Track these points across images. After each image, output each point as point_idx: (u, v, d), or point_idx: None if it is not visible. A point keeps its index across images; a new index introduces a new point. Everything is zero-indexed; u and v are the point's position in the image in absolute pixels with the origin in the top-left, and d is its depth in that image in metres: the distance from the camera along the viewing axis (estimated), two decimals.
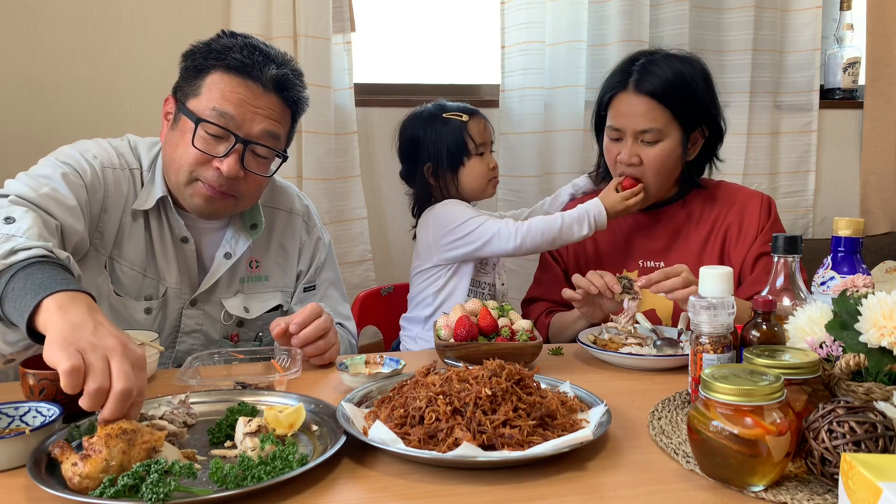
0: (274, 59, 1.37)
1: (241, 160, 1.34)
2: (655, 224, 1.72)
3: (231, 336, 1.52)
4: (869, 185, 2.80)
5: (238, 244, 1.48)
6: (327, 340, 1.34)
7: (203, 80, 1.35)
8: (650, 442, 0.98)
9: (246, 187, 1.39)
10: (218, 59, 1.34)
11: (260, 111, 1.35)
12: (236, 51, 1.34)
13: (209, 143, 1.34)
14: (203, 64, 1.36)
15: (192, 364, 1.21)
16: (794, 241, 1.12)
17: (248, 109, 1.34)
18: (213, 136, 1.34)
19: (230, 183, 1.36)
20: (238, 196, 1.39)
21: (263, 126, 1.35)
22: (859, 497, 0.65)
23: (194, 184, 1.36)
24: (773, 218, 1.67)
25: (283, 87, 1.38)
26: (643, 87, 1.59)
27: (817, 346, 0.96)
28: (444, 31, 2.63)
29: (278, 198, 1.60)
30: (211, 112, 1.32)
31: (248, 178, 1.38)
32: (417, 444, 0.90)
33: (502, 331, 1.32)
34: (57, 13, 2.12)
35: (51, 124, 2.13)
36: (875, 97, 2.76)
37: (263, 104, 1.36)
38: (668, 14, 2.51)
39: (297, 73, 1.42)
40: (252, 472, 0.83)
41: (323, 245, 1.66)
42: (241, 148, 1.34)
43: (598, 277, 1.44)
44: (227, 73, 1.34)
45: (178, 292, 1.45)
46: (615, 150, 1.64)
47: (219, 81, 1.34)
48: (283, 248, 1.58)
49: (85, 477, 0.81)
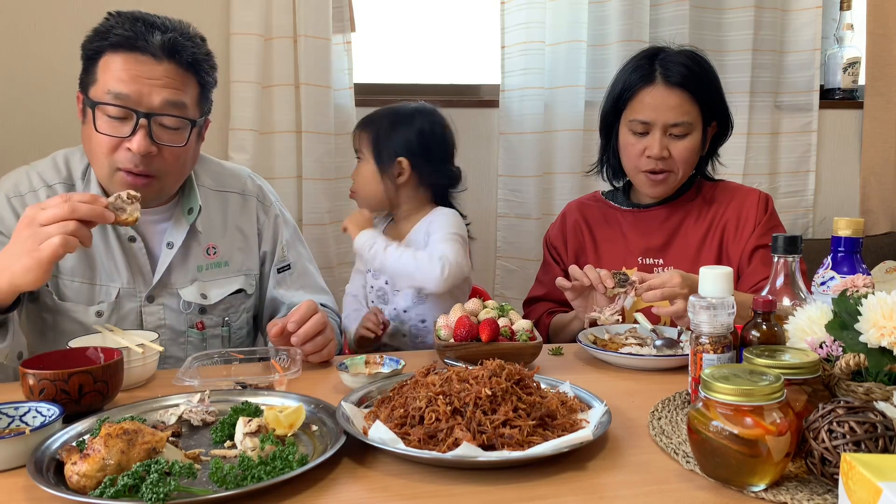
0: (159, 27, 1.34)
1: (150, 135, 1.32)
2: (655, 221, 1.73)
3: (196, 325, 1.50)
4: (869, 185, 2.80)
5: (178, 232, 1.47)
6: (325, 336, 1.34)
7: (96, 65, 1.33)
8: (650, 442, 0.98)
9: (164, 163, 1.37)
10: (103, 40, 1.32)
11: (156, 82, 1.32)
12: (118, 27, 1.32)
13: (114, 126, 1.32)
14: (92, 49, 1.34)
15: (192, 364, 1.21)
16: (794, 241, 1.12)
17: (143, 83, 1.31)
18: (116, 118, 1.32)
19: (146, 161, 1.34)
20: (159, 175, 1.37)
21: (163, 96, 1.33)
22: (859, 497, 0.65)
23: (115, 174, 1.35)
24: (769, 212, 1.68)
25: (174, 52, 1.34)
26: (674, 79, 1.60)
27: (817, 346, 0.96)
28: (444, 31, 2.63)
29: (229, 181, 1.59)
30: (107, 95, 1.31)
31: (164, 152, 1.36)
32: (417, 444, 0.90)
33: (502, 331, 1.32)
34: (57, 13, 2.12)
35: (51, 124, 2.13)
36: (875, 97, 2.75)
37: (158, 73, 1.32)
38: (668, 14, 2.51)
39: (187, 35, 1.38)
40: (252, 472, 0.83)
41: (284, 222, 1.65)
42: (145, 123, 1.32)
43: (593, 271, 1.44)
44: (115, 52, 1.32)
45: (132, 291, 1.44)
46: (640, 145, 1.64)
47: (109, 63, 1.32)
48: (241, 231, 1.57)
49: (83, 476, 0.81)
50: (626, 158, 1.69)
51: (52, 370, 1.02)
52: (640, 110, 1.63)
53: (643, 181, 1.68)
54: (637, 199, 1.78)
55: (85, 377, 1.03)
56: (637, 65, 1.66)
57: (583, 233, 1.79)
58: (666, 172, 1.64)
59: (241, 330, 1.58)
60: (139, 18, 1.34)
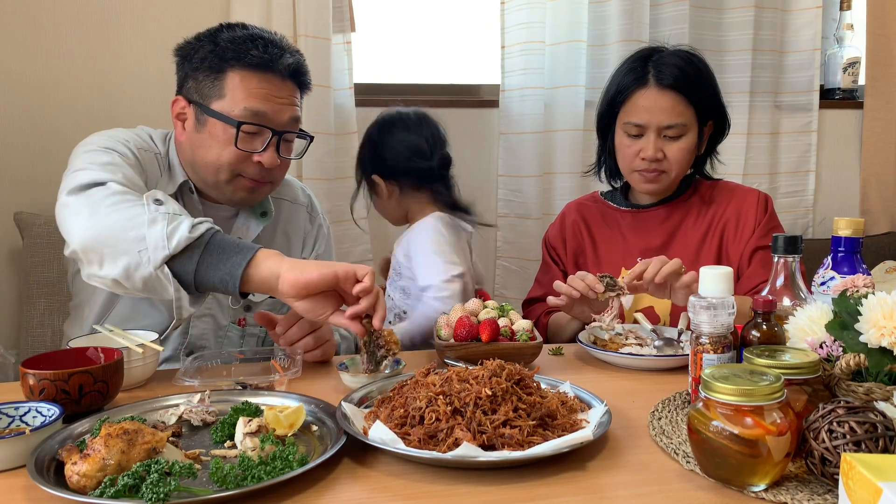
0: (287, 49, 1.42)
1: (278, 150, 1.42)
2: (654, 222, 1.72)
3: (239, 321, 1.54)
4: (869, 185, 2.80)
5: (249, 231, 1.53)
6: (316, 337, 1.34)
7: (223, 80, 1.38)
8: (650, 442, 0.98)
9: (280, 173, 1.49)
10: (237, 59, 1.37)
11: (284, 100, 1.41)
12: (251, 47, 1.38)
13: (247, 141, 1.39)
14: (219, 64, 1.38)
15: (193, 364, 1.21)
16: (794, 241, 1.12)
17: (275, 103, 1.40)
18: (250, 133, 1.39)
19: (269, 172, 1.43)
20: (274, 181, 1.49)
21: (290, 114, 1.43)
22: (859, 497, 0.65)
23: (236, 180, 1.42)
24: (769, 213, 1.68)
25: (298, 74, 1.44)
26: (666, 81, 1.60)
27: (817, 346, 0.96)
28: (444, 31, 2.63)
29: (284, 189, 1.65)
30: (244, 112, 1.37)
31: (282, 163, 1.46)
32: (417, 444, 0.90)
33: (502, 331, 1.32)
34: (57, 12, 2.12)
35: (51, 124, 2.13)
36: (875, 97, 2.75)
37: (285, 93, 1.42)
38: (668, 14, 2.51)
39: (303, 59, 1.47)
40: (252, 472, 0.83)
41: (323, 235, 1.71)
42: (276, 140, 1.41)
43: (579, 280, 1.41)
44: (249, 71, 1.38)
45: None
46: (634, 147, 1.64)
47: (243, 80, 1.37)
48: (288, 237, 1.63)
49: (83, 476, 0.81)
50: (621, 159, 1.69)
51: (52, 370, 1.02)
52: (634, 113, 1.63)
53: (637, 179, 1.68)
54: (636, 200, 1.78)
55: (85, 377, 1.03)
56: (631, 66, 1.66)
57: (582, 233, 1.79)
58: (659, 172, 1.64)
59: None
60: (269, 42, 1.40)
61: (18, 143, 2.10)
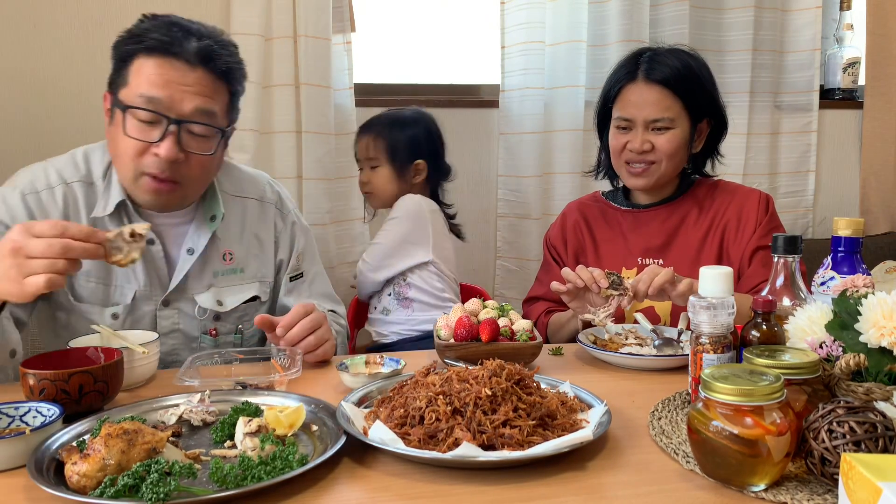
0: (195, 33, 1.33)
1: (179, 142, 1.31)
2: (655, 221, 1.73)
3: (209, 331, 1.49)
4: (869, 185, 2.80)
5: (199, 238, 1.46)
6: (317, 337, 1.34)
7: (129, 67, 1.32)
8: (650, 442, 0.98)
9: (189, 170, 1.36)
10: (138, 43, 1.31)
11: (188, 88, 1.31)
12: (154, 30, 1.31)
13: (143, 130, 1.31)
14: (126, 51, 1.33)
15: (193, 364, 1.21)
16: (794, 241, 1.12)
17: (175, 89, 1.30)
18: (146, 122, 1.30)
19: (172, 168, 1.33)
20: (183, 182, 1.36)
21: (195, 104, 1.32)
22: (859, 497, 0.65)
23: (141, 179, 1.34)
24: (770, 213, 1.68)
25: (208, 59, 1.33)
26: (654, 76, 1.61)
27: (817, 346, 0.96)
28: (444, 31, 2.63)
29: (248, 186, 1.58)
30: (138, 98, 1.29)
31: (190, 159, 1.35)
32: (417, 444, 0.90)
33: (502, 331, 1.32)
34: (57, 13, 2.12)
35: (51, 124, 2.13)
36: (875, 97, 2.75)
37: (191, 80, 1.31)
38: (668, 14, 2.51)
39: (223, 43, 1.37)
40: (252, 472, 0.83)
41: (301, 230, 1.64)
42: (175, 129, 1.31)
43: (586, 272, 1.43)
44: (150, 56, 1.30)
45: (148, 295, 1.43)
46: (623, 140, 1.65)
47: (143, 66, 1.30)
48: (258, 238, 1.56)
49: (83, 476, 0.81)
50: (612, 154, 1.71)
51: (52, 370, 1.02)
52: (623, 107, 1.65)
53: (626, 174, 1.69)
54: (636, 200, 1.78)
55: (85, 377, 1.03)
56: (624, 63, 1.69)
57: (583, 233, 1.79)
58: (648, 164, 1.64)
59: (253, 338, 1.57)
60: (175, 23, 1.33)
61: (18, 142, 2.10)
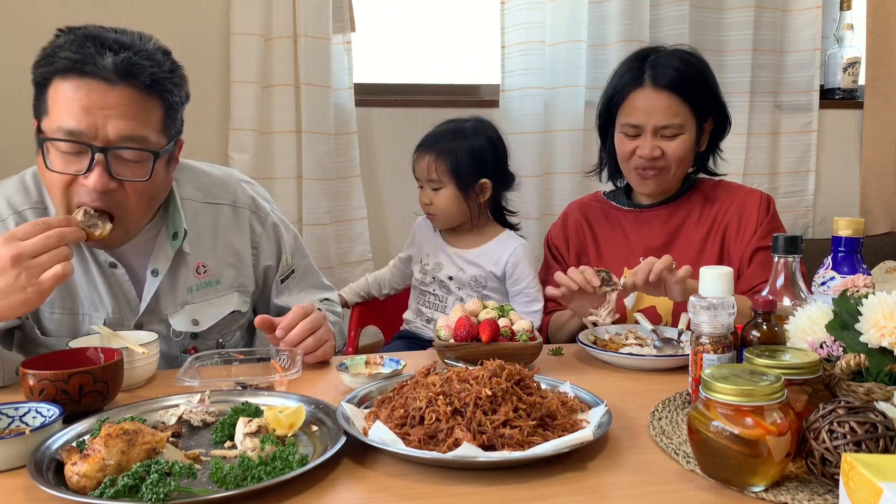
0: (110, 46, 1.17)
1: (108, 170, 1.18)
2: (656, 221, 1.72)
3: (188, 350, 1.42)
4: (869, 185, 2.80)
5: (161, 258, 1.36)
6: (317, 338, 1.32)
7: (46, 93, 1.19)
8: (650, 442, 0.98)
9: (126, 198, 1.22)
10: (50, 65, 1.17)
11: (111, 112, 1.16)
12: (66, 48, 1.16)
13: (68, 162, 1.18)
14: (40, 74, 1.20)
15: (193, 364, 1.21)
16: (795, 241, 1.12)
17: (97, 115, 1.16)
18: (69, 153, 1.18)
19: (106, 197, 1.20)
20: (122, 211, 1.23)
21: (119, 129, 1.17)
22: (860, 497, 0.65)
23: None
24: (771, 214, 1.68)
25: (129, 74, 1.17)
26: (661, 81, 1.60)
27: (818, 346, 0.96)
28: (444, 31, 2.63)
29: (217, 191, 1.46)
30: (58, 131, 1.16)
31: (125, 187, 1.21)
32: (417, 445, 0.90)
33: (503, 331, 1.32)
34: (57, 13, 2.12)
35: None
36: (875, 97, 2.76)
37: (113, 101, 1.16)
38: (668, 14, 2.51)
39: (145, 53, 1.20)
40: (252, 472, 0.83)
41: (285, 228, 1.55)
42: (102, 158, 1.17)
43: (578, 273, 1.43)
44: (64, 78, 1.16)
45: (119, 321, 1.36)
46: (632, 146, 1.64)
47: (58, 91, 1.17)
48: (233, 246, 1.46)
49: (83, 476, 0.81)
50: (620, 159, 1.70)
51: (52, 370, 1.02)
52: (631, 113, 1.63)
53: (635, 179, 1.69)
54: (638, 200, 1.78)
55: (85, 377, 1.03)
56: (628, 67, 1.67)
57: (584, 233, 1.79)
58: (658, 170, 1.64)
59: (235, 346, 1.52)
60: (89, 37, 1.18)
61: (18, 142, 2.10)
